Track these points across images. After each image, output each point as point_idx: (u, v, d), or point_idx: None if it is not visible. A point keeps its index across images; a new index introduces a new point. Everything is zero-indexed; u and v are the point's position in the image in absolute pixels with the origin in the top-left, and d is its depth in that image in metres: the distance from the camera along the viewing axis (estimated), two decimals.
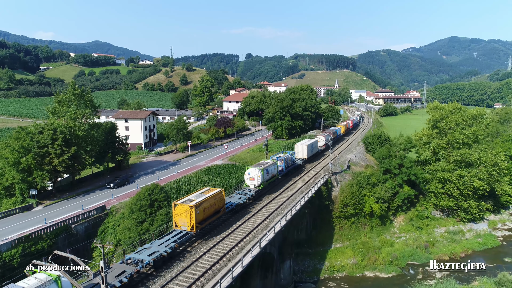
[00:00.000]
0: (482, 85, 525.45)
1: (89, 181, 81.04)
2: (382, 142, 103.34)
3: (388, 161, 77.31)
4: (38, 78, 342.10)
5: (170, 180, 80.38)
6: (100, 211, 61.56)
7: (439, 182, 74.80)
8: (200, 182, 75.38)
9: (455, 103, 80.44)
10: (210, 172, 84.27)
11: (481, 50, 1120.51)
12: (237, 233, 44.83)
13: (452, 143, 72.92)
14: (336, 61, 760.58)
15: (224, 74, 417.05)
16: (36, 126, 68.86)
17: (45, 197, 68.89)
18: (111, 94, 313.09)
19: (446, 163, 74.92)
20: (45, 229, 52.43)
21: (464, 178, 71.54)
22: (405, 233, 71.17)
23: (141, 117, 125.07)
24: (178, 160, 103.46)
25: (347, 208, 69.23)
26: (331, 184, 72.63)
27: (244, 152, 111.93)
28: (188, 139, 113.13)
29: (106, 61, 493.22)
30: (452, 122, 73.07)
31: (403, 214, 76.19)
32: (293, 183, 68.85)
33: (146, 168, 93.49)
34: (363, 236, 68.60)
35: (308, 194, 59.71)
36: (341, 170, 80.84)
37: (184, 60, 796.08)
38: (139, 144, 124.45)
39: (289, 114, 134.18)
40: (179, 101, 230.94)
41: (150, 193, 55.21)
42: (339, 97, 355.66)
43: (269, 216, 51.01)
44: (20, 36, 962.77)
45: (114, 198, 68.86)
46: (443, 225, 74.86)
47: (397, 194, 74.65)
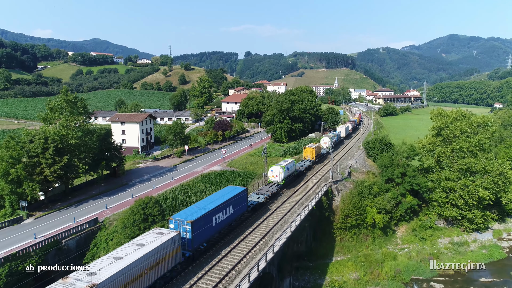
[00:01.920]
0: (482, 84, 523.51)
1: (83, 189, 78.65)
2: (383, 147, 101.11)
3: (390, 169, 75.08)
4: (35, 78, 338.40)
5: (166, 188, 78.22)
6: (93, 224, 59.30)
7: (443, 191, 72.59)
8: (197, 191, 73.23)
9: (460, 109, 78.10)
10: (208, 180, 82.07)
11: (480, 48, 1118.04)
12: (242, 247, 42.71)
13: (457, 152, 70.64)
14: (335, 59, 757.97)
15: (223, 73, 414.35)
16: (27, 135, 66.48)
17: (37, 208, 66.53)
18: (109, 94, 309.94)
19: (450, 171, 72.70)
20: (34, 245, 50.09)
21: (469, 188, 69.33)
22: (408, 244, 69.04)
23: (138, 120, 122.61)
24: (175, 165, 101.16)
25: (349, 219, 67.07)
26: (331, 194, 70.45)
27: (243, 156, 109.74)
28: (185, 143, 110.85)
29: (104, 59, 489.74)
30: (457, 130, 70.75)
31: (406, 224, 74.08)
32: (295, 192, 66.78)
33: (142, 175, 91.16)
34: (364, 248, 66.47)
35: (308, 207, 57.58)
36: (341, 177, 78.70)
37: (183, 59, 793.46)
38: (136, 148, 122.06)
39: (288, 116, 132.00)
40: (177, 102, 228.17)
41: (144, 207, 52.95)
42: (338, 96, 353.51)
43: (268, 233, 48.80)
44: (18, 34, 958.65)
45: (108, 208, 66.56)
46: (447, 235, 72.76)
47: (399, 204, 72.50)
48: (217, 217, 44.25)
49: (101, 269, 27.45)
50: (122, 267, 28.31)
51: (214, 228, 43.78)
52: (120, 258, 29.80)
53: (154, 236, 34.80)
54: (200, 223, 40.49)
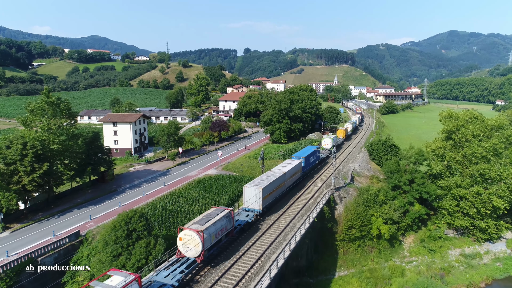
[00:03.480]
0: (483, 81, 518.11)
1: (67, 197, 73.50)
2: (387, 149, 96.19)
3: (397, 176, 69.95)
4: (29, 75, 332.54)
5: (157, 195, 73.31)
6: (74, 238, 54.28)
7: (453, 199, 67.53)
8: (189, 199, 68.19)
9: (471, 110, 72.72)
10: (201, 186, 76.96)
11: (480, 44, 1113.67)
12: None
13: (469, 157, 65.42)
14: (335, 56, 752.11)
15: (221, 70, 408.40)
16: (4, 140, 61.37)
17: (15, 219, 61.44)
18: (105, 92, 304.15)
19: (461, 178, 67.55)
20: (6, 265, 45.10)
21: (482, 196, 64.29)
22: (417, 257, 64.08)
23: (130, 120, 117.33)
24: (168, 169, 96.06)
25: (352, 231, 62.05)
26: (334, 202, 65.41)
27: (240, 159, 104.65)
28: (179, 145, 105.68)
29: (101, 57, 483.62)
30: (469, 134, 65.48)
31: (413, 233, 69.13)
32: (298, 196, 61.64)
33: (133, 180, 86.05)
34: (370, 261, 61.52)
35: (309, 219, 52.61)
36: (344, 183, 73.66)
37: (182, 55, 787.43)
38: (129, 149, 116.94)
39: (287, 116, 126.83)
40: (173, 100, 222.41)
41: (128, 222, 47.84)
42: (338, 93, 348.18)
43: (264, 253, 43.75)
44: (16, 31, 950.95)
45: (92, 219, 61.54)
46: (458, 246, 67.79)
47: (406, 213, 67.49)
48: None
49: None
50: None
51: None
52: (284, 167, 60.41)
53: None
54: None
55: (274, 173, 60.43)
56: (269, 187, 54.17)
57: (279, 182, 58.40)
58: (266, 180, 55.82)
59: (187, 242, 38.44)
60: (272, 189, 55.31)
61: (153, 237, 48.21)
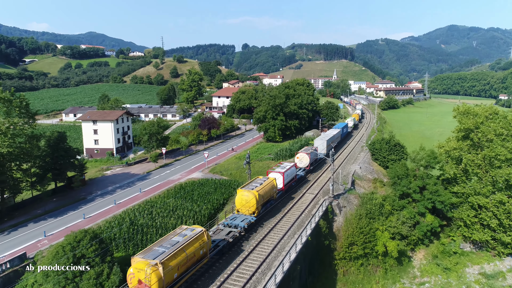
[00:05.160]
0: (484, 75, 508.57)
1: (26, 207, 63.88)
2: (391, 148, 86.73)
3: (405, 182, 60.43)
4: (18, 72, 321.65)
5: (130, 204, 64.01)
6: (18, 262, 44.88)
7: (471, 209, 58.16)
8: (165, 210, 58.71)
9: (491, 105, 63.07)
10: (182, 193, 67.38)
11: (480, 38, 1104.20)
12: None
13: (491, 160, 55.94)
14: (334, 51, 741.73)
15: (217, 65, 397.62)
16: None
17: None
18: (97, 88, 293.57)
19: (481, 184, 58.08)
20: None
21: (505, 206, 54.93)
22: (429, 277, 54.85)
23: (112, 118, 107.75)
24: (149, 172, 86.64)
25: (354, 248, 52.69)
26: (332, 213, 56.00)
27: (229, 160, 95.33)
28: (163, 145, 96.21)
29: (95, 52, 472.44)
30: (491, 132, 55.95)
31: (424, 248, 59.88)
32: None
33: (107, 186, 76.58)
34: (374, 283, 52.26)
35: (301, 238, 43.28)
36: (344, 190, 64.24)
37: (179, 51, 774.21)
38: (110, 149, 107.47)
39: (282, 113, 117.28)
40: (164, 96, 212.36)
41: (75, 246, 38.51)
42: (337, 89, 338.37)
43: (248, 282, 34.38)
44: (12, 28, 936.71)
45: (47, 236, 52.18)
46: (476, 262, 58.56)
47: (417, 225, 58.14)
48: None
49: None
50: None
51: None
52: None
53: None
54: None
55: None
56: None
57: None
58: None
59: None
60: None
61: (107, 264, 38.87)
